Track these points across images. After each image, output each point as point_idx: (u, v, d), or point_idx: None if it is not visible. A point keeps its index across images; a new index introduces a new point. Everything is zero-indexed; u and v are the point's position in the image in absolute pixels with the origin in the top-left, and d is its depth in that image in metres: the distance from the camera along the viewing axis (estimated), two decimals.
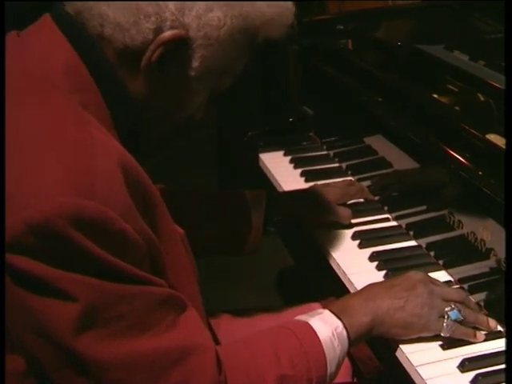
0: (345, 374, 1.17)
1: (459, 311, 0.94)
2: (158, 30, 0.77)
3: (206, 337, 0.79)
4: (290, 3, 0.84)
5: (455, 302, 0.96)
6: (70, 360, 0.71)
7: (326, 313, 0.91)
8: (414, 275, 0.98)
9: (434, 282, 0.99)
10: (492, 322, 0.97)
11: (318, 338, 0.86)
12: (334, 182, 1.33)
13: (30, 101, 0.76)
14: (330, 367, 0.86)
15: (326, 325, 0.88)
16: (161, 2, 0.76)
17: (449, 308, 0.94)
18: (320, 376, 0.85)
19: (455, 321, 0.94)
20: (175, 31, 0.77)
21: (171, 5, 0.76)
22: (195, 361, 0.76)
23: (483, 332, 0.96)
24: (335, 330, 0.88)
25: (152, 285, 0.74)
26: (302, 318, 0.91)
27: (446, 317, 0.94)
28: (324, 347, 0.86)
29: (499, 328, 0.98)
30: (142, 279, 0.73)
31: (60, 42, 0.79)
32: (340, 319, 0.90)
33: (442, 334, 0.94)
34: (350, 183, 1.35)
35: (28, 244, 0.68)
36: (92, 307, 0.70)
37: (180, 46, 0.78)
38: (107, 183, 0.71)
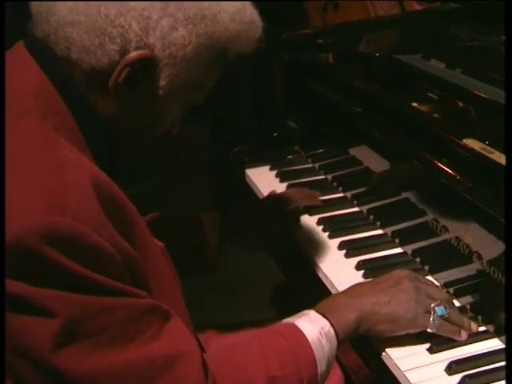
0: (336, 382, 1.17)
1: (445, 308, 0.95)
2: (123, 51, 0.78)
3: (191, 344, 0.79)
4: (255, 17, 0.85)
5: (441, 300, 0.97)
6: (54, 377, 0.71)
7: (312, 313, 0.92)
8: (400, 272, 1.00)
9: (420, 279, 1.00)
10: (474, 326, 0.98)
11: (306, 338, 0.87)
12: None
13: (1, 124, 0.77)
14: (320, 366, 0.87)
15: (312, 325, 0.89)
16: (125, 24, 0.77)
17: (435, 304, 0.95)
18: (311, 376, 0.85)
19: (441, 317, 0.95)
20: (140, 52, 0.78)
21: (135, 26, 0.77)
22: (181, 368, 0.76)
23: (466, 335, 0.97)
24: (322, 329, 0.89)
25: (132, 296, 0.75)
26: (289, 320, 0.91)
27: (432, 312, 0.94)
28: (313, 347, 0.86)
29: (483, 328, 0.99)
30: (122, 291, 0.74)
31: (31, 66, 0.80)
32: (326, 318, 0.90)
33: (429, 330, 0.95)
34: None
35: (6, 264, 0.68)
36: (72, 322, 0.70)
37: (146, 66, 0.79)
38: (79, 199, 0.72)
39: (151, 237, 0.84)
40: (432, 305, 0.95)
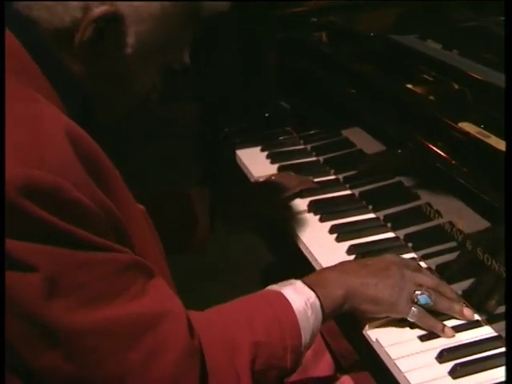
0: (327, 368, 1.16)
1: (429, 297, 0.94)
2: (85, 9, 0.75)
3: (176, 303, 0.78)
4: None
5: (427, 287, 0.96)
6: (37, 332, 0.70)
7: (298, 283, 0.91)
8: (390, 257, 1.00)
9: (410, 266, 1.00)
10: (468, 312, 0.97)
11: (292, 307, 0.86)
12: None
13: None
14: (305, 337, 0.86)
15: (298, 295, 0.88)
16: None
17: (419, 292, 0.95)
18: (295, 345, 0.85)
19: (425, 305, 0.94)
20: (104, 8, 0.75)
21: None
22: (167, 326, 0.75)
23: (459, 322, 0.96)
24: (308, 300, 0.88)
25: (114, 251, 0.73)
26: (274, 287, 0.91)
27: (415, 300, 0.94)
28: (298, 316, 0.86)
29: (476, 317, 0.97)
30: (102, 246, 0.72)
31: None
32: (313, 290, 0.90)
33: (409, 319, 0.94)
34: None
35: None
36: (53, 276, 0.68)
37: (111, 22, 0.76)
38: (57, 153, 0.69)
39: (132, 198, 0.82)
40: (416, 293, 0.94)
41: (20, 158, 0.68)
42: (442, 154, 1.04)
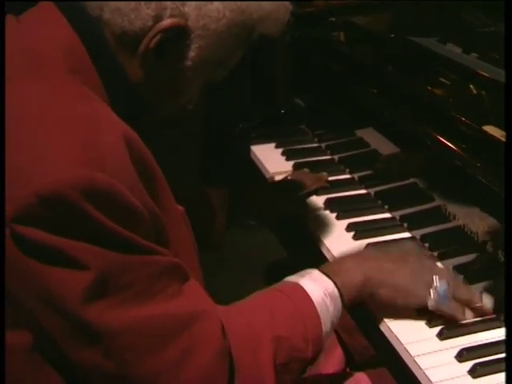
0: (338, 362, 1.18)
1: (448, 284, 0.95)
2: (157, 17, 0.77)
3: (210, 304, 0.80)
4: (287, 1, 0.85)
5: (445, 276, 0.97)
6: (80, 329, 0.71)
7: (316, 272, 0.92)
8: (408, 244, 1.02)
9: (426, 254, 1.02)
10: (486, 299, 0.97)
11: (310, 298, 0.87)
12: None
13: (31, 77, 0.75)
14: (325, 327, 0.87)
15: (316, 285, 0.89)
16: None
17: (437, 279, 0.95)
18: (315, 336, 0.86)
19: (443, 292, 0.94)
20: (175, 20, 0.78)
21: None
22: (201, 326, 0.76)
23: (476, 317, 0.96)
24: (326, 289, 0.89)
25: (158, 254, 0.75)
26: (291, 278, 0.92)
27: (433, 289, 0.94)
28: (317, 307, 0.87)
29: (494, 315, 0.98)
30: (149, 249, 0.74)
31: (60, 22, 0.79)
32: (331, 279, 0.91)
33: (429, 305, 0.94)
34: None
35: (39, 215, 0.67)
36: (103, 276, 0.70)
37: (178, 34, 0.79)
38: (115, 156, 0.71)
39: (173, 199, 0.84)
40: (434, 282, 0.95)
41: (83, 159, 0.69)
42: (464, 155, 1.05)
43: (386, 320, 0.97)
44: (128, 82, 0.81)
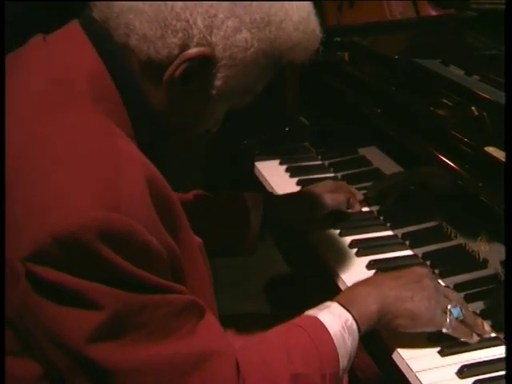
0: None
1: (461, 309, 0.96)
2: (184, 46, 0.77)
3: (225, 342, 0.79)
4: (317, 28, 0.84)
5: (457, 301, 0.98)
6: (88, 368, 0.71)
7: (335, 305, 0.92)
8: (420, 269, 1.01)
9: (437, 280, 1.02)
10: (487, 327, 0.99)
11: (329, 332, 0.87)
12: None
13: (54, 107, 0.75)
14: (342, 361, 0.87)
15: (335, 318, 0.89)
16: (190, 19, 0.75)
17: (452, 305, 0.96)
18: (333, 372, 0.86)
19: (457, 318, 0.96)
20: (201, 49, 0.77)
21: (200, 22, 0.76)
22: (215, 366, 0.76)
23: (478, 337, 0.98)
24: (345, 323, 0.89)
25: (174, 293, 0.75)
26: (311, 312, 0.91)
27: (448, 313, 0.96)
28: (335, 342, 0.86)
29: (494, 335, 1.00)
30: (165, 288, 0.73)
31: (86, 48, 0.79)
32: (349, 311, 0.90)
33: (444, 330, 0.96)
34: (341, 182, 1.37)
35: (54, 256, 0.68)
36: (116, 316, 0.70)
37: (204, 64, 0.78)
38: (133, 196, 0.71)
39: (191, 232, 0.83)
40: (449, 306, 0.96)
41: (101, 199, 0.68)
42: (467, 175, 1.07)
43: (388, 337, 0.99)
44: (152, 109, 0.80)
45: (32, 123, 0.74)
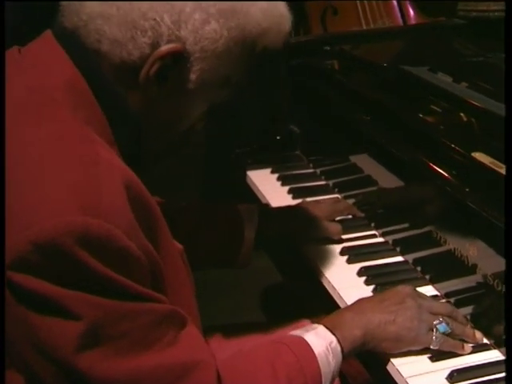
0: None
1: (447, 324, 0.97)
2: (155, 45, 0.77)
3: (206, 352, 0.80)
4: (285, 10, 0.84)
5: (443, 315, 0.99)
6: (72, 378, 0.71)
7: (321, 328, 0.93)
8: (403, 289, 1.01)
9: (422, 296, 1.02)
10: (478, 334, 1.00)
11: (314, 352, 0.88)
12: (321, 199, 1.35)
13: (34, 116, 0.76)
14: (325, 381, 0.88)
15: (320, 340, 0.90)
16: (157, 17, 0.76)
17: (437, 321, 0.97)
18: None
19: (443, 333, 0.97)
20: (172, 45, 0.77)
21: (167, 19, 0.76)
22: (197, 376, 0.76)
23: (470, 344, 0.99)
24: (329, 344, 0.90)
25: (154, 301, 0.75)
26: (297, 332, 0.92)
27: (434, 330, 0.96)
28: (319, 361, 0.87)
29: (485, 340, 1.00)
30: (145, 296, 0.73)
31: (61, 58, 0.79)
32: (333, 334, 0.91)
33: (431, 347, 0.96)
34: (338, 200, 1.37)
35: (32, 262, 0.68)
36: (95, 325, 0.70)
37: (178, 59, 0.78)
38: (112, 201, 0.71)
39: (172, 239, 0.84)
40: (434, 322, 0.97)
41: (79, 205, 0.68)
42: (455, 181, 1.08)
43: None
44: (131, 113, 0.81)
45: (11, 133, 0.74)
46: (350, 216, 1.33)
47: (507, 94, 0.96)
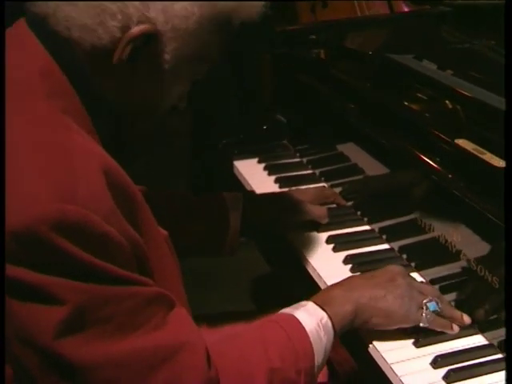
0: (321, 375, 1.19)
1: (437, 303, 0.98)
2: (124, 28, 0.76)
3: (195, 333, 0.80)
4: None
5: (432, 295, 0.99)
6: (56, 364, 0.71)
7: (310, 304, 0.93)
8: (393, 268, 1.02)
9: (411, 276, 1.03)
10: (466, 317, 1.00)
11: (305, 329, 0.88)
12: (307, 188, 1.36)
13: (9, 106, 0.75)
14: (318, 358, 0.88)
15: (311, 316, 0.90)
16: (125, 0, 0.75)
17: (427, 299, 0.97)
18: (308, 367, 0.87)
19: (433, 312, 0.97)
20: (142, 26, 0.76)
21: (136, 1, 0.75)
22: (185, 358, 0.76)
23: (458, 328, 0.99)
24: (320, 321, 0.90)
25: (139, 285, 0.74)
26: (287, 310, 0.92)
27: (424, 308, 0.97)
28: (311, 338, 0.88)
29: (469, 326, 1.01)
30: (129, 280, 0.73)
31: (34, 46, 0.78)
32: (324, 310, 0.92)
33: (421, 325, 0.97)
34: (323, 188, 1.37)
35: (11, 251, 0.68)
36: (79, 310, 0.69)
37: (149, 40, 0.78)
38: (89, 187, 0.71)
39: (156, 224, 0.84)
40: (424, 301, 0.97)
41: (55, 192, 0.68)
42: (439, 168, 1.08)
43: (365, 331, 0.99)
44: (108, 99, 0.80)
45: None
46: (335, 205, 1.33)
47: (507, 92, 0.96)
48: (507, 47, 1.05)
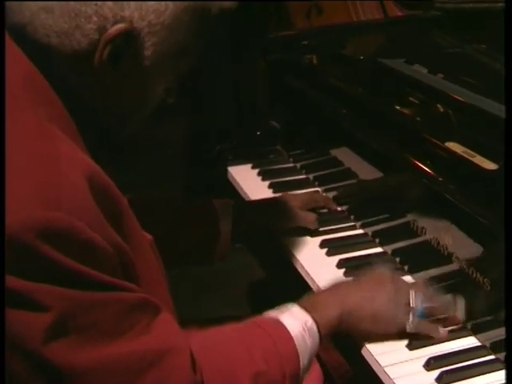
0: (315, 379, 1.19)
1: (423, 308, 0.98)
2: (101, 29, 0.76)
3: (180, 338, 0.80)
4: None
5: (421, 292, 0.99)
6: (44, 371, 0.71)
7: (295, 308, 0.93)
8: (381, 272, 1.02)
9: (400, 279, 1.03)
10: (459, 316, 1.00)
11: (289, 332, 0.88)
12: (297, 193, 1.36)
13: None
14: (303, 361, 0.88)
15: (295, 320, 0.90)
16: (98, 1, 0.75)
17: (414, 305, 0.98)
18: (293, 370, 0.87)
19: (420, 317, 0.98)
20: (119, 26, 0.76)
21: (108, 1, 0.76)
22: (170, 362, 0.76)
23: (447, 328, 1.00)
24: (305, 324, 0.90)
25: (124, 290, 0.75)
26: (272, 314, 0.93)
27: (411, 313, 0.97)
28: (295, 342, 0.88)
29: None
30: (114, 285, 0.73)
31: (16, 55, 0.78)
32: (309, 313, 0.92)
33: (408, 330, 0.97)
34: (313, 193, 1.38)
35: None
36: (64, 316, 0.69)
37: (128, 39, 0.78)
38: (73, 193, 0.71)
39: (140, 229, 0.84)
40: (411, 306, 0.97)
41: (39, 199, 0.68)
42: (429, 171, 1.09)
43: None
44: (94, 101, 0.80)
45: None
46: (326, 210, 1.34)
47: (507, 95, 0.97)
48: (507, 51, 1.06)
